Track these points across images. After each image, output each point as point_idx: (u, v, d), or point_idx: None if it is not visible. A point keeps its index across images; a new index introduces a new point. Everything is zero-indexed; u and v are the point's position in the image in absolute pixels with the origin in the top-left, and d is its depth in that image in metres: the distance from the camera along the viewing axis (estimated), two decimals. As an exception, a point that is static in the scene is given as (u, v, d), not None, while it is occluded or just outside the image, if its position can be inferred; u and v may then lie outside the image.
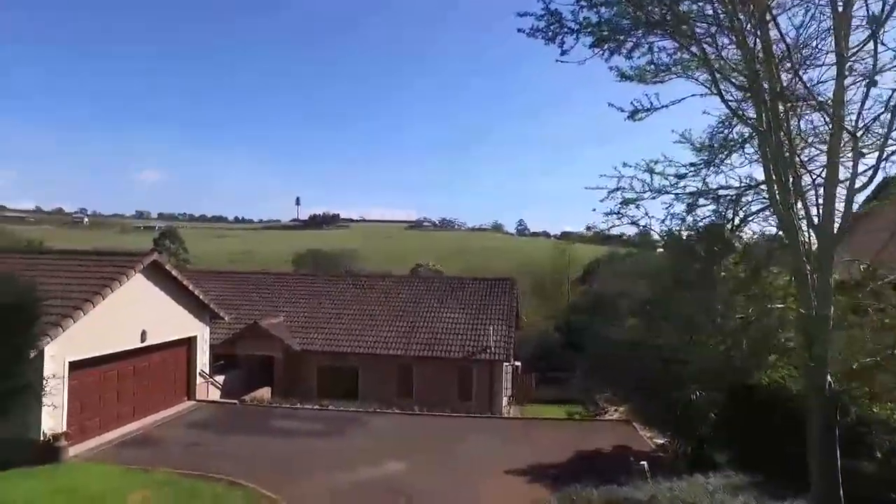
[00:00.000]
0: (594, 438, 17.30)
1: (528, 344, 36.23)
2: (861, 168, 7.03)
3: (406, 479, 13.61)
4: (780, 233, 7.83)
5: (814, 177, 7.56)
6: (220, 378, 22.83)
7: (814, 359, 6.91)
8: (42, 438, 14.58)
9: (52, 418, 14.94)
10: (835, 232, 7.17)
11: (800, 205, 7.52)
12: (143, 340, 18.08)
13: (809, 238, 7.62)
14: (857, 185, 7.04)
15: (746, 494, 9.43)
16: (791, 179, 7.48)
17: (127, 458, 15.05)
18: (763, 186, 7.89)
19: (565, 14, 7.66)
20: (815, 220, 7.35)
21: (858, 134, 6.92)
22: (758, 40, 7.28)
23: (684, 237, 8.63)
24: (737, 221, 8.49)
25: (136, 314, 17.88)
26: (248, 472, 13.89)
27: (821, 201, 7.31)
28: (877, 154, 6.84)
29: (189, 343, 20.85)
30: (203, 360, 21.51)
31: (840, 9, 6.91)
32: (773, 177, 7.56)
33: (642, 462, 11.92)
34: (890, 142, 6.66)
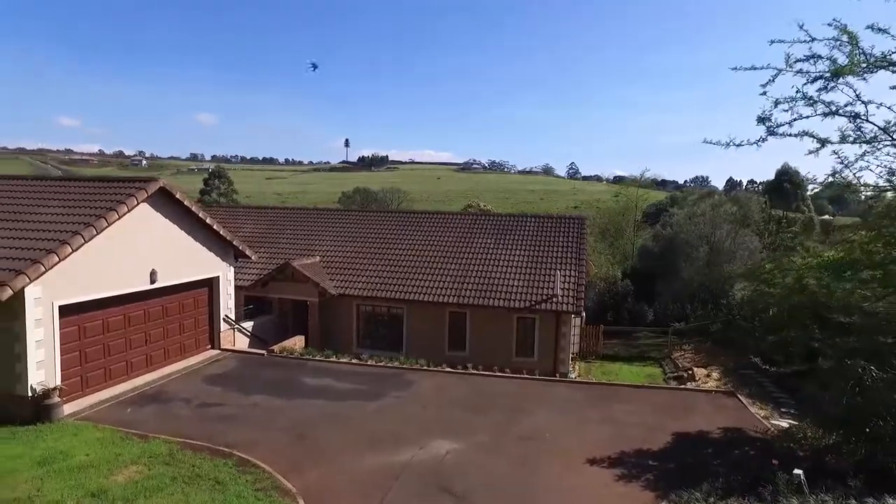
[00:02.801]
0: (693, 415, 13.75)
1: (591, 292, 32.53)
2: None
3: (458, 466, 10.56)
4: None
5: None
6: (248, 324, 20.38)
7: None
8: (30, 394, 12.32)
9: (44, 371, 12.68)
10: None
11: None
12: (152, 282, 15.54)
13: None
14: None
15: None
16: None
17: (130, 418, 12.77)
18: None
19: None
20: None
21: None
22: None
23: None
24: None
25: (144, 251, 15.30)
26: (263, 445, 11.35)
27: None
28: None
29: (210, 285, 18.29)
30: (228, 303, 19.00)
31: None
32: None
33: (797, 471, 8.37)
34: None
